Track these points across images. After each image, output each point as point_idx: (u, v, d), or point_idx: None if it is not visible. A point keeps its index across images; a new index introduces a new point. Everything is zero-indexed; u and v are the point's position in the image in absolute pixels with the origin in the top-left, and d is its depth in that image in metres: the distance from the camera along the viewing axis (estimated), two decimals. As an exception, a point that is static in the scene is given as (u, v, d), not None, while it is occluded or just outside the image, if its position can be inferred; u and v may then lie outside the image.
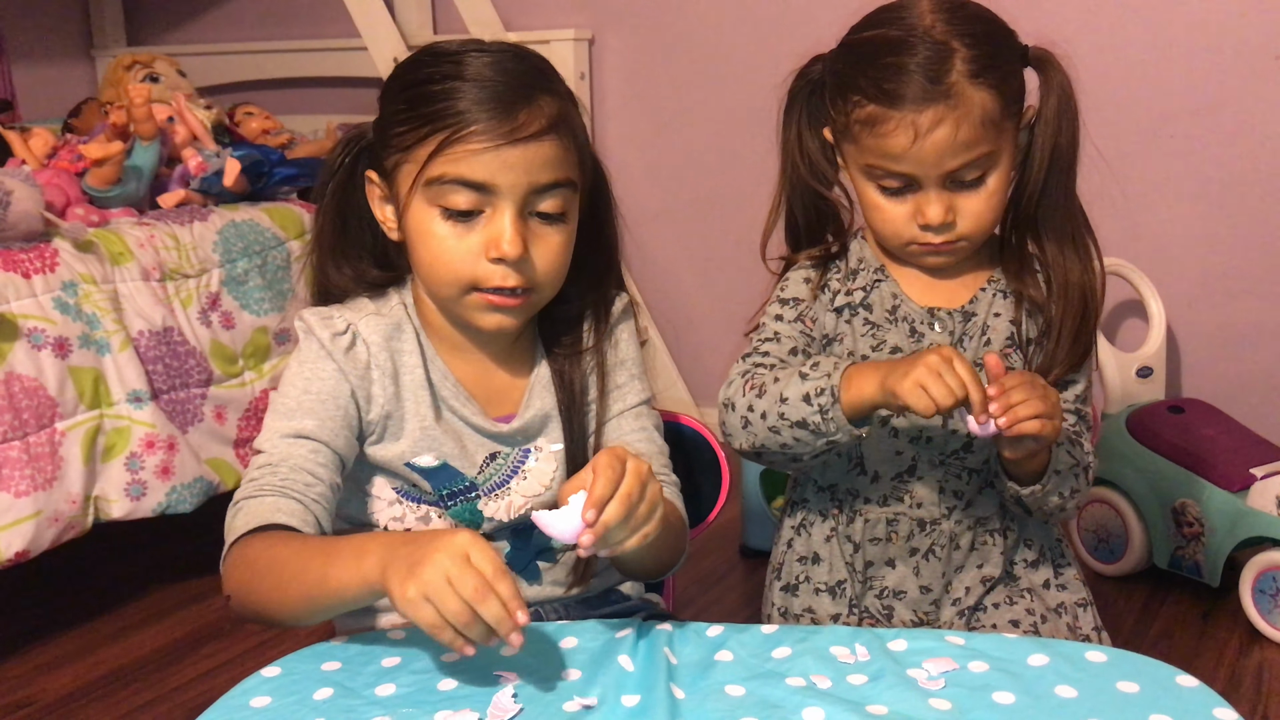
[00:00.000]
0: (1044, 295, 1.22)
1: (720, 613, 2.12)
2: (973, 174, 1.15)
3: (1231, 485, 2.00)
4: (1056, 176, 1.19)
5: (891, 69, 1.12)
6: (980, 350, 1.22)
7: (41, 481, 1.93)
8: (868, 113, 1.14)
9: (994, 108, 1.12)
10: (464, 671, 0.95)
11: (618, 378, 1.21)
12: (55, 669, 1.98)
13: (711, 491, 1.35)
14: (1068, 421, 1.24)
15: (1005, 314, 1.23)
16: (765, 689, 0.92)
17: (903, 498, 1.25)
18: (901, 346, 1.23)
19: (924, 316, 1.23)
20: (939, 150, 1.12)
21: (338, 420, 1.10)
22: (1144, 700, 0.88)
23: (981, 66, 1.11)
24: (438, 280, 1.10)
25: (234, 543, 1.03)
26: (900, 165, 1.14)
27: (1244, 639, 1.95)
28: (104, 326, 2.05)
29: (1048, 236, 1.22)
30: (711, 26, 2.88)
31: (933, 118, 1.11)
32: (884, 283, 1.25)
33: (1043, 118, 1.18)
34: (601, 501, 0.92)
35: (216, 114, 2.68)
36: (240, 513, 1.04)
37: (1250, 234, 2.34)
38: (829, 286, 1.27)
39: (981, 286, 1.24)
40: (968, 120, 1.11)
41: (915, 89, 1.11)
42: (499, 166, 1.04)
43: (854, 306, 1.25)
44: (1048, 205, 1.21)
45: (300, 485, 1.05)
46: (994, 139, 1.14)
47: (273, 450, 1.08)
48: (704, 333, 3.03)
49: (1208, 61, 2.33)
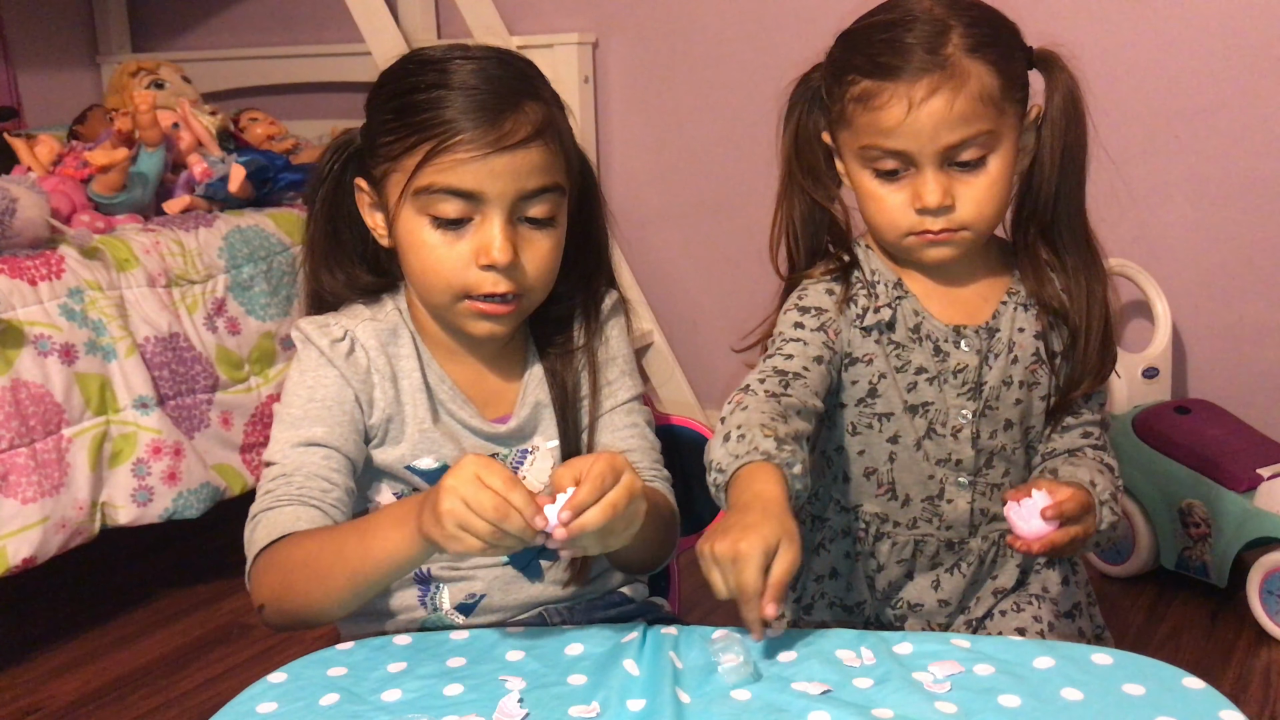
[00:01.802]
0: (1064, 302, 1.19)
1: (726, 616, 2.11)
2: (971, 154, 1.10)
3: (1238, 485, 2.00)
4: (1068, 178, 1.16)
5: (887, 43, 1.10)
6: (1009, 369, 1.18)
7: (48, 488, 1.94)
8: (862, 88, 1.11)
9: (993, 84, 1.09)
10: (470, 676, 0.95)
11: (608, 374, 1.21)
12: (63, 675, 1.99)
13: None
14: (1092, 436, 1.22)
15: (1029, 329, 1.19)
16: (771, 693, 0.91)
17: (931, 519, 1.23)
18: (927, 366, 1.19)
19: (949, 334, 1.19)
20: (935, 121, 1.08)
21: (345, 425, 1.10)
22: (1150, 702, 0.88)
23: (979, 41, 1.08)
24: (429, 288, 1.11)
25: (257, 555, 1.03)
26: (895, 141, 1.10)
27: (1251, 640, 1.95)
28: (110, 333, 2.06)
29: (1064, 242, 1.19)
30: (715, 29, 2.88)
31: (928, 87, 1.07)
32: (905, 299, 1.20)
33: (1049, 118, 1.15)
34: (581, 506, 0.92)
35: (221, 120, 2.69)
36: (259, 526, 1.05)
37: (1256, 234, 2.34)
38: (855, 301, 1.20)
39: (1002, 300, 1.20)
40: (964, 92, 1.07)
41: (910, 59, 1.08)
42: (487, 174, 1.05)
43: (882, 326, 1.20)
44: (1062, 209, 1.17)
45: (317, 492, 1.06)
46: (994, 118, 1.09)
47: (285, 460, 1.08)
48: (708, 335, 3.03)
49: (1213, 61, 2.32)
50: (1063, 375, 1.21)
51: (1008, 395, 1.19)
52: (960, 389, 1.19)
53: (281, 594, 1.02)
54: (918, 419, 1.20)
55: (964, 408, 1.19)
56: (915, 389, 1.20)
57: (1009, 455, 1.22)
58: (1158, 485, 2.09)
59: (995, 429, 1.20)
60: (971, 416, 1.19)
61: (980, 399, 1.19)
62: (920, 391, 1.19)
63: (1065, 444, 1.23)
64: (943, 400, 1.19)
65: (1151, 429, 2.13)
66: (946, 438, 1.20)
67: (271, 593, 1.03)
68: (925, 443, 1.21)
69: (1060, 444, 1.23)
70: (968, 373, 1.19)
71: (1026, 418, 1.21)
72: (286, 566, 1.01)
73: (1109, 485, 1.17)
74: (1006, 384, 1.19)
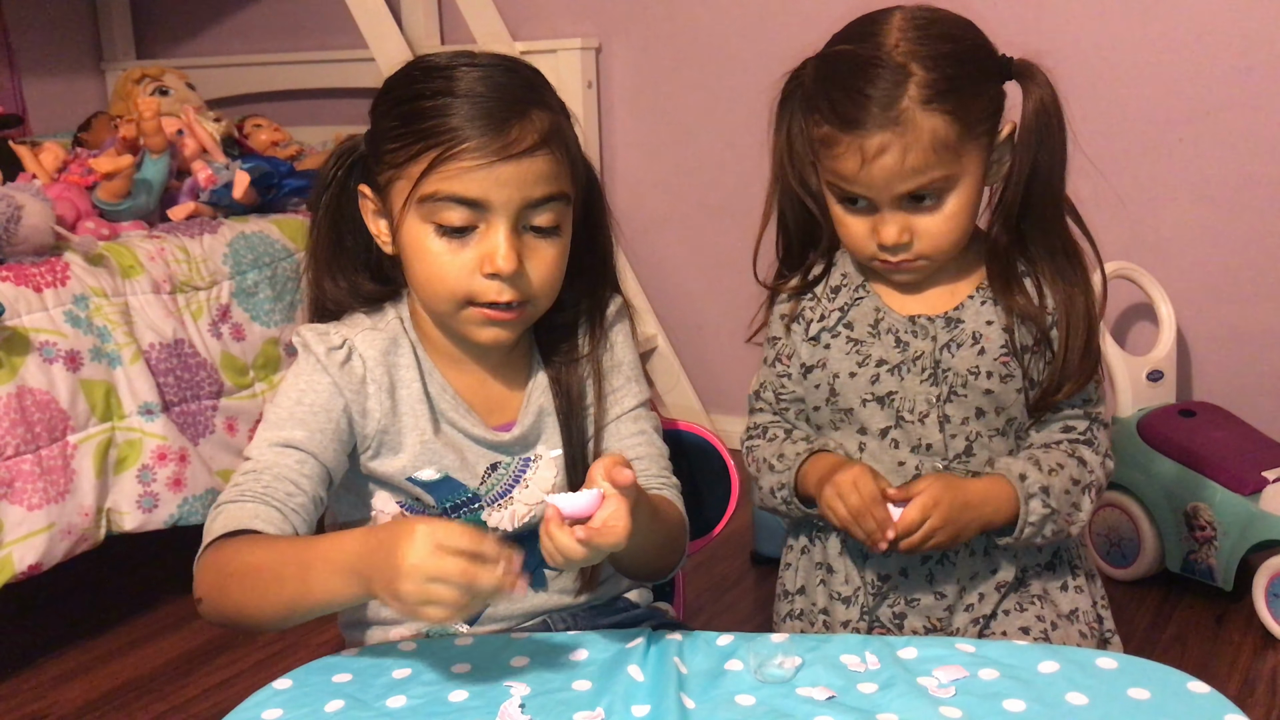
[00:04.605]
0: (1034, 305, 1.21)
1: (731, 620, 2.12)
2: (928, 195, 1.15)
3: (1243, 488, 1.99)
4: (1038, 191, 1.18)
5: (847, 94, 1.13)
6: (975, 359, 1.21)
7: (54, 494, 1.94)
8: (824, 132, 1.16)
9: (948, 133, 1.11)
10: (474, 683, 0.95)
11: (614, 381, 1.21)
12: (69, 682, 1.99)
13: (721, 499, 1.35)
14: (1074, 430, 1.24)
15: (998, 321, 1.21)
16: (775, 698, 0.92)
17: None
18: (888, 358, 1.23)
19: (906, 325, 1.23)
20: (887, 175, 1.12)
21: (328, 433, 1.10)
22: (1155, 707, 0.88)
23: (936, 92, 1.10)
24: (433, 296, 1.10)
25: (208, 545, 1.04)
26: (853, 187, 1.15)
27: (1258, 643, 1.94)
28: (115, 339, 2.06)
29: (1039, 250, 1.21)
30: (718, 34, 2.88)
31: (879, 144, 1.11)
32: (866, 298, 1.25)
33: (1022, 132, 1.18)
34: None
35: (225, 126, 2.70)
36: (220, 515, 1.05)
37: (1259, 236, 2.34)
38: (803, 317, 1.28)
39: (970, 294, 1.23)
40: (916, 146, 1.10)
41: (863, 114, 1.11)
42: (492, 183, 1.04)
43: (832, 329, 1.26)
44: (1033, 219, 1.20)
45: (282, 494, 1.06)
46: (950, 163, 1.13)
47: (259, 457, 1.08)
48: (713, 340, 3.03)
49: (1218, 64, 2.32)
50: (1035, 372, 1.22)
51: (975, 384, 1.21)
52: (921, 375, 1.22)
53: (217, 598, 1.02)
54: (885, 409, 1.23)
55: (927, 393, 1.22)
56: (879, 381, 1.23)
57: (988, 443, 1.23)
58: (1163, 488, 2.09)
59: (967, 415, 1.22)
60: (936, 400, 1.22)
61: (944, 384, 1.21)
62: (884, 383, 1.23)
63: (1042, 439, 1.25)
64: (906, 388, 1.22)
65: (1156, 432, 2.13)
66: (915, 423, 1.22)
67: (209, 591, 1.02)
68: (894, 431, 1.23)
69: (1037, 439, 1.25)
70: (925, 359, 1.22)
71: (1004, 408, 1.22)
72: (226, 572, 1.01)
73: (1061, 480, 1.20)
74: (974, 373, 1.21)
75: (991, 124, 1.16)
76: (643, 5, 2.96)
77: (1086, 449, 1.23)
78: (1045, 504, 1.18)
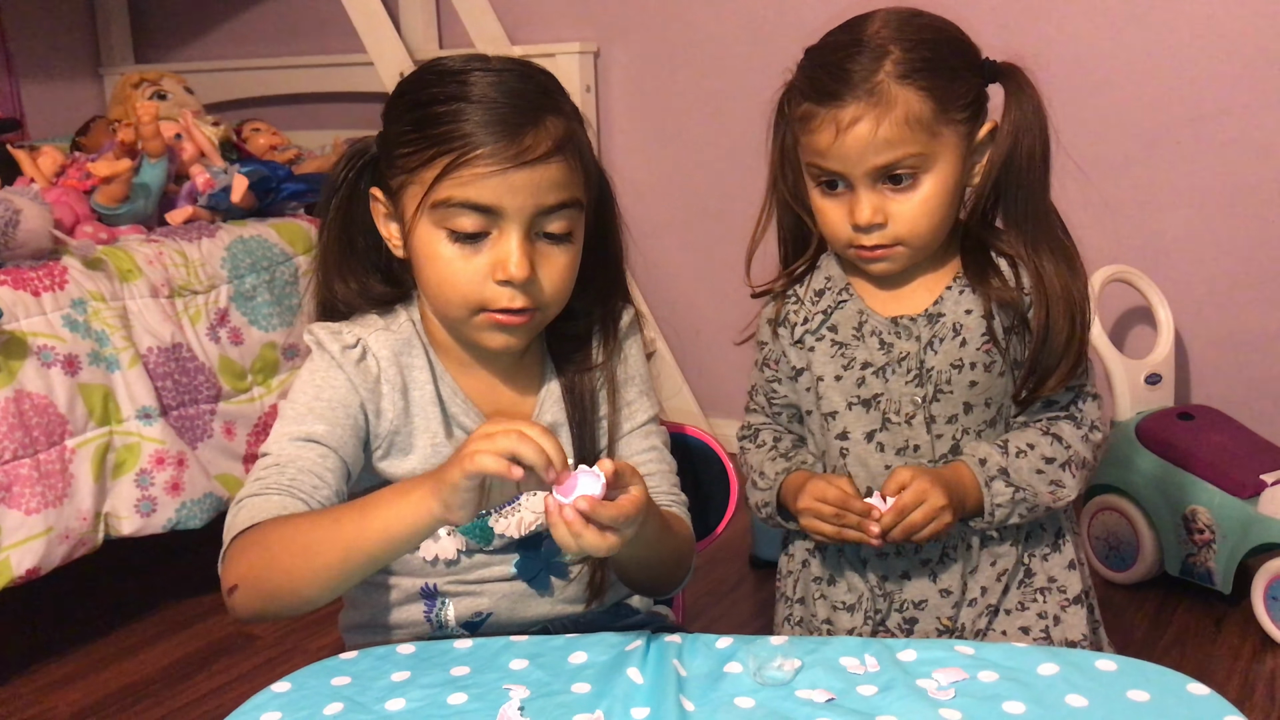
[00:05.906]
0: (1010, 288, 1.21)
1: (731, 624, 2.12)
2: (903, 173, 1.15)
3: (1242, 491, 1.99)
4: (1014, 180, 1.19)
5: (827, 69, 1.15)
6: (957, 352, 1.21)
7: (52, 499, 1.94)
8: (804, 110, 1.17)
9: (923, 109, 1.12)
10: (473, 685, 0.95)
11: (627, 394, 1.20)
12: (67, 686, 1.99)
13: (720, 502, 1.35)
14: (1060, 401, 1.24)
15: (976, 309, 1.21)
16: (775, 700, 0.91)
17: None
18: (873, 361, 1.23)
19: (889, 327, 1.23)
20: (860, 145, 1.13)
21: (347, 428, 1.09)
22: (1155, 709, 0.88)
23: (912, 68, 1.12)
24: (445, 301, 1.10)
25: (235, 538, 1.00)
26: (828, 162, 1.16)
27: (1256, 646, 1.94)
28: (113, 343, 2.06)
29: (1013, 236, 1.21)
30: (716, 38, 2.88)
31: (853, 114, 1.12)
32: (849, 301, 1.25)
33: (1000, 133, 1.19)
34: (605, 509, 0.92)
35: (224, 130, 2.70)
36: (243, 509, 1.02)
37: (1258, 240, 2.34)
38: (787, 320, 1.29)
39: (947, 285, 1.23)
40: (889, 117, 1.12)
41: (841, 87, 1.13)
42: (506, 190, 1.04)
43: (816, 331, 1.26)
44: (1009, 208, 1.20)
45: (308, 487, 1.04)
46: (924, 141, 1.14)
47: (280, 452, 1.06)
48: (711, 343, 3.03)
49: (1216, 68, 2.33)
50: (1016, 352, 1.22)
51: (960, 379, 1.21)
52: (906, 376, 1.22)
53: (261, 572, 0.98)
54: (871, 412, 1.23)
55: (913, 394, 1.22)
56: (864, 384, 1.23)
57: (975, 440, 1.23)
58: (1161, 491, 2.09)
59: (953, 414, 1.22)
60: (921, 401, 1.22)
61: (929, 384, 1.21)
62: (869, 385, 1.23)
63: (1022, 417, 1.25)
64: (891, 390, 1.22)
65: (1155, 435, 2.13)
66: (901, 425, 1.23)
67: (250, 570, 0.99)
68: (880, 434, 1.23)
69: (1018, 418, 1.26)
70: (910, 360, 1.22)
71: (991, 398, 1.23)
72: (269, 541, 0.98)
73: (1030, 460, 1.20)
74: (957, 367, 1.21)
75: (970, 114, 1.17)
76: (641, 9, 2.97)
77: (1067, 424, 1.23)
78: (1009, 484, 1.19)
